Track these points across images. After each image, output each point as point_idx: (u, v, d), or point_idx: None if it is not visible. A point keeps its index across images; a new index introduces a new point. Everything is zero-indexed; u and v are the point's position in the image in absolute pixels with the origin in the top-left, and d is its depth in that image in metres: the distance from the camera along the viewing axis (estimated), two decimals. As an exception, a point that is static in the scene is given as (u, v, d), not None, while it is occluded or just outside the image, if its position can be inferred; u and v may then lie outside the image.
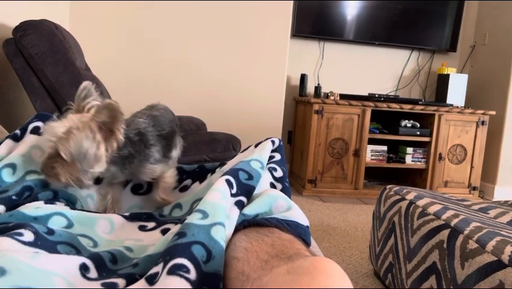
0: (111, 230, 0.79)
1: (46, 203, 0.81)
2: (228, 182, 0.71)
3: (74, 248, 0.66)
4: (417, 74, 3.87)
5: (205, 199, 0.65)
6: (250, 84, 3.15)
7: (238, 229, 0.64)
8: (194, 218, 0.60)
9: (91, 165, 0.84)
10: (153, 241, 0.72)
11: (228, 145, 1.94)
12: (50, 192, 0.86)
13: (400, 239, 1.45)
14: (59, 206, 0.81)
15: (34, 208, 0.74)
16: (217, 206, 0.63)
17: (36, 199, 0.83)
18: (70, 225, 0.75)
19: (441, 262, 1.17)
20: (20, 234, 0.59)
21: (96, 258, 0.60)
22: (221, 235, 0.58)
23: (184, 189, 1.04)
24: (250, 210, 0.69)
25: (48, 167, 0.84)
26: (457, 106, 3.42)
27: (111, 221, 0.81)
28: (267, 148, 0.92)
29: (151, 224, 0.84)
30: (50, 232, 0.66)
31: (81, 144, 0.82)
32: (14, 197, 0.80)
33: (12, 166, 0.90)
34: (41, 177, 0.91)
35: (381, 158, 3.35)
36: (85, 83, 0.88)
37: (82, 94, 0.87)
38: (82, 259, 0.57)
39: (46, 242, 0.62)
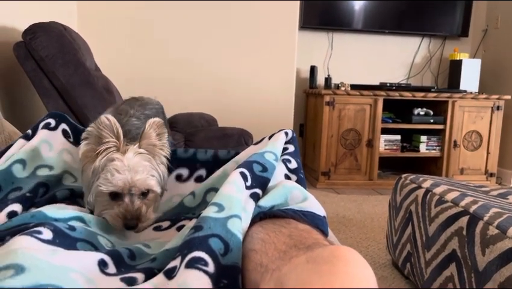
0: (126, 238, 0.79)
1: (67, 204, 0.81)
2: (243, 174, 0.71)
3: (93, 246, 0.67)
4: (429, 61, 3.81)
5: (220, 192, 0.65)
6: (260, 78, 3.14)
7: (254, 221, 0.64)
8: (210, 212, 0.59)
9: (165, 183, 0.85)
10: (170, 238, 0.72)
11: (240, 139, 1.94)
12: (66, 191, 0.87)
13: (417, 228, 1.43)
14: (79, 208, 0.81)
15: (55, 209, 0.74)
16: (232, 198, 0.63)
17: (54, 198, 0.84)
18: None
19: (461, 249, 1.15)
20: (39, 232, 0.59)
21: (114, 254, 0.60)
22: (238, 227, 0.58)
23: (199, 179, 1.01)
24: (266, 202, 0.69)
25: (134, 217, 0.76)
26: (471, 92, 3.35)
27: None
28: (280, 139, 0.91)
29: (166, 224, 0.83)
30: (72, 228, 0.66)
31: (163, 168, 0.82)
32: (28, 194, 0.80)
33: (22, 162, 0.91)
34: (52, 173, 0.91)
35: (395, 147, 3.31)
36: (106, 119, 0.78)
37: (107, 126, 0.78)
38: (101, 255, 0.57)
39: (65, 239, 0.62)
